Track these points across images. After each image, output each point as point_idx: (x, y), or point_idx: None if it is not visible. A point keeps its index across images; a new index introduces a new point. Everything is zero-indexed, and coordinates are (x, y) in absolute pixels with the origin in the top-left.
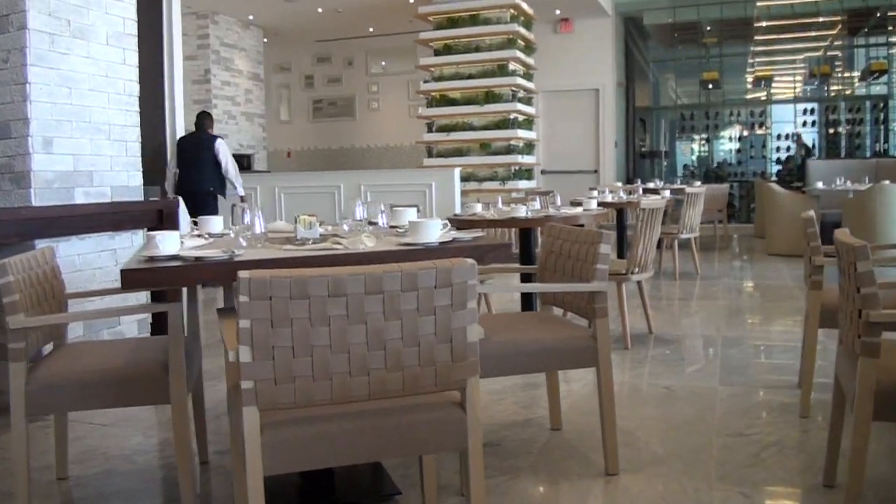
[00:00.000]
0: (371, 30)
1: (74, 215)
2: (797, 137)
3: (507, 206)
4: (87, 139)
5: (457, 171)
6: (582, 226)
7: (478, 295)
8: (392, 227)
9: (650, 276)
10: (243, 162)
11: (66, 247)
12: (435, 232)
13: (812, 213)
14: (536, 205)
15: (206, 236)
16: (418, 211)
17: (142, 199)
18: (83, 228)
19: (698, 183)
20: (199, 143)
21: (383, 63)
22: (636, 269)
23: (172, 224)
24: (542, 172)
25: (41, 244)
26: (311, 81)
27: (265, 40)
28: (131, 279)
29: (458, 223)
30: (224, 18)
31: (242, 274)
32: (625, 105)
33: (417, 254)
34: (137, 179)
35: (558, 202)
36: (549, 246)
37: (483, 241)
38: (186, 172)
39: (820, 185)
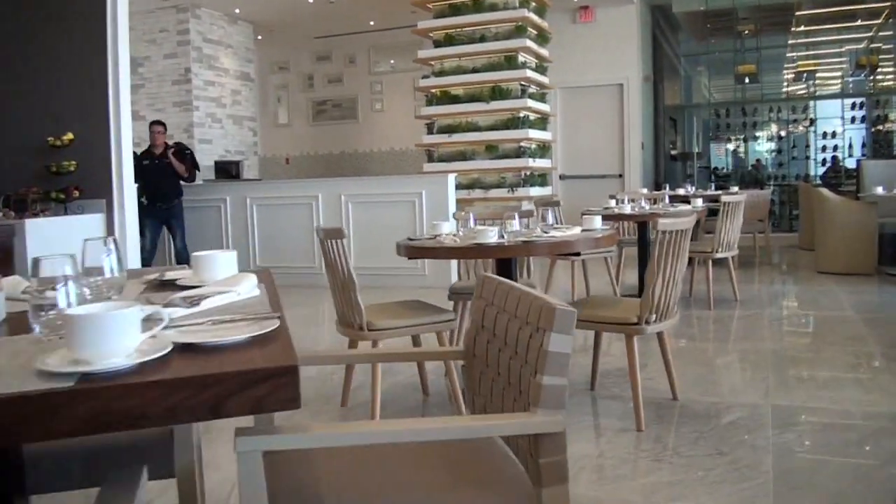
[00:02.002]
0: (372, 24)
1: None
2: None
3: (491, 221)
4: None
5: (450, 178)
6: (578, 254)
7: None
8: None
9: (674, 322)
10: (231, 169)
11: None
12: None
13: None
14: (515, 224)
15: None
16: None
17: None
18: None
19: (735, 188)
20: None
21: (392, 62)
22: (653, 317)
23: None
24: (561, 178)
25: None
26: (310, 81)
27: (259, 37)
28: None
29: (411, 250)
30: (207, 12)
31: None
32: (653, 102)
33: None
34: None
35: (550, 219)
36: (479, 315)
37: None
38: None
39: (880, 189)
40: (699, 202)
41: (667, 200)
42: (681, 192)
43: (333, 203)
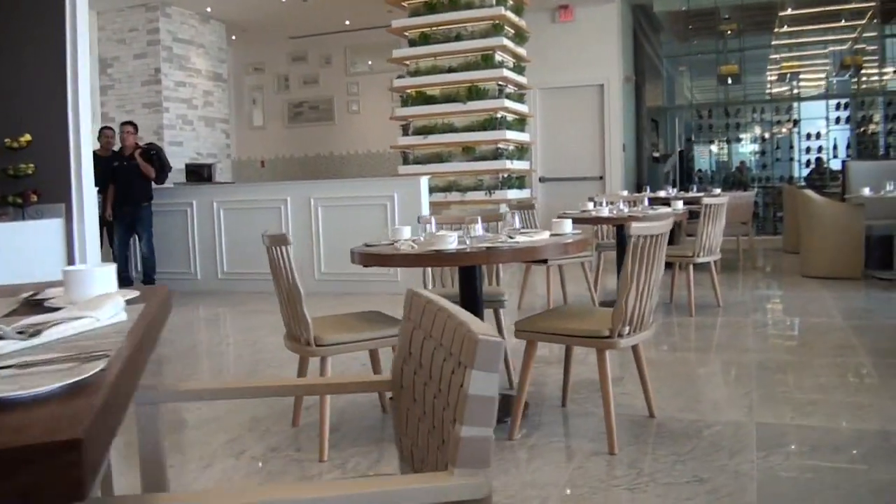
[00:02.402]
0: (348, 23)
1: None
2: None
3: (459, 226)
4: None
5: (423, 181)
6: (545, 261)
7: None
8: None
9: (649, 334)
10: (202, 172)
11: None
12: None
13: None
14: (478, 229)
15: None
16: None
17: None
18: None
19: (718, 190)
20: None
21: (369, 62)
22: (626, 329)
23: None
24: (541, 180)
25: None
26: (285, 83)
27: (233, 38)
28: None
29: (365, 258)
30: (178, 11)
31: None
32: (634, 103)
33: None
34: None
35: (518, 223)
36: (406, 340)
37: None
38: None
39: (866, 191)
40: (679, 205)
41: (646, 203)
42: (662, 194)
43: (303, 206)
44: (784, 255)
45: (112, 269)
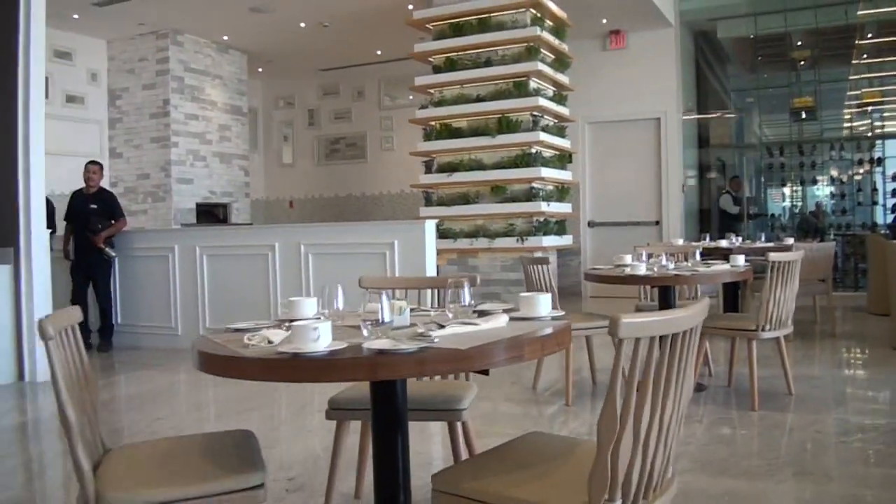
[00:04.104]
0: (379, 53)
1: None
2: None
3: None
4: None
5: (428, 225)
6: (485, 372)
7: None
8: None
9: (672, 496)
10: (217, 213)
11: None
12: None
13: None
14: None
15: None
16: None
17: None
18: None
19: (790, 240)
20: None
21: (411, 97)
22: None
23: None
24: (590, 225)
25: None
26: (314, 118)
27: (259, 70)
28: None
29: (206, 362)
30: (191, 39)
31: None
32: (696, 139)
33: None
34: None
35: (465, 296)
36: None
37: None
38: None
39: None
40: (740, 260)
41: (697, 257)
42: (723, 243)
43: (292, 254)
44: (869, 317)
45: None
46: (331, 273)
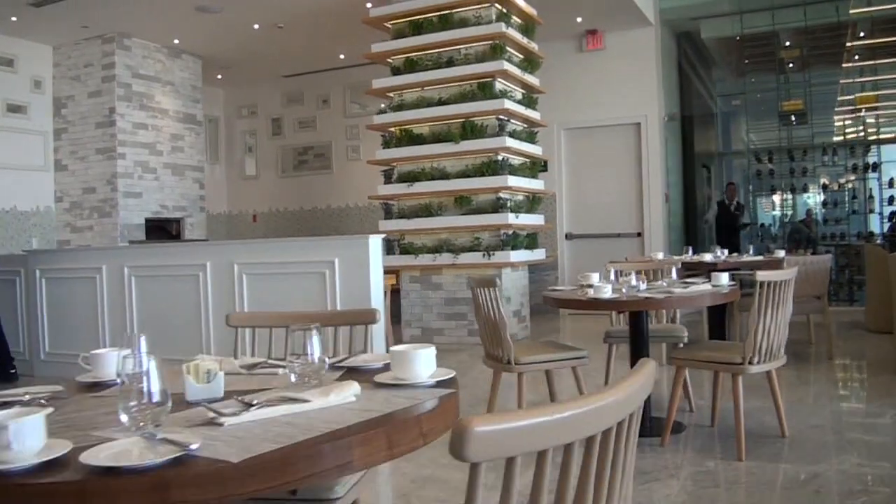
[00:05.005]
0: (342, 57)
1: None
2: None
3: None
4: None
5: (372, 240)
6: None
7: None
8: None
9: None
10: (170, 228)
11: None
12: None
13: None
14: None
15: None
16: None
17: None
18: None
19: (781, 252)
20: None
21: (382, 105)
22: None
23: None
24: (567, 237)
25: None
26: (278, 127)
27: (219, 76)
28: None
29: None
30: (139, 43)
31: None
32: (680, 146)
33: None
34: None
35: (312, 347)
36: None
37: None
38: None
39: None
40: (723, 279)
41: (674, 275)
42: (707, 257)
43: (225, 274)
44: (868, 335)
45: None
46: (267, 296)
